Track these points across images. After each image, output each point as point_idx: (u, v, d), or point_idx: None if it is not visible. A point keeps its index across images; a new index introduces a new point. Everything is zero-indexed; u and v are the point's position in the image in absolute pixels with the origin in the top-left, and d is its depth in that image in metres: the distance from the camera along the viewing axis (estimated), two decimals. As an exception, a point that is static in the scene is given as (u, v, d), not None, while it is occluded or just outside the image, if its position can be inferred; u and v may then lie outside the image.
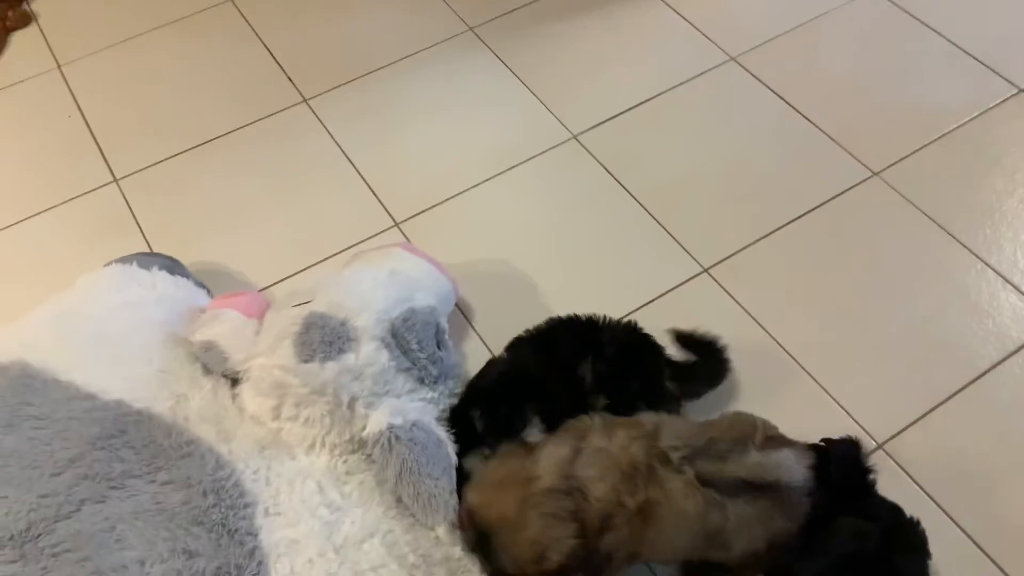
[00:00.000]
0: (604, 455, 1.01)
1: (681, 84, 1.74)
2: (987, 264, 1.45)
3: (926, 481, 1.23)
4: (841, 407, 1.31)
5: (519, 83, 1.76)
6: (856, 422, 1.29)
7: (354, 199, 1.60)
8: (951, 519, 1.20)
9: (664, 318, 1.32)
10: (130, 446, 1.11)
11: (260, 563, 1.03)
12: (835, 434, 1.21)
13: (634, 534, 1.01)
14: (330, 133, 1.70)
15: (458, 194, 1.60)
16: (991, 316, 1.39)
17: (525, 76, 1.77)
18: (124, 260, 1.36)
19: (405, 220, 1.57)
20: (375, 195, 1.60)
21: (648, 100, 1.72)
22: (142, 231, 1.56)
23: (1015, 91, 1.67)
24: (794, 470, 1.00)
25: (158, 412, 1.16)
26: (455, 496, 1.10)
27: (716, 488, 0.98)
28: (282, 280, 1.49)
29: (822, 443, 1.14)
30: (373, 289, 1.25)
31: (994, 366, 1.34)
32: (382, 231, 1.55)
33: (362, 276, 1.29)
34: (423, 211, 1.58)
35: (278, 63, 1.83)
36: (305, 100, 1.76)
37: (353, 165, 1.65)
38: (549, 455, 1.03)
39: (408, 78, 1.79)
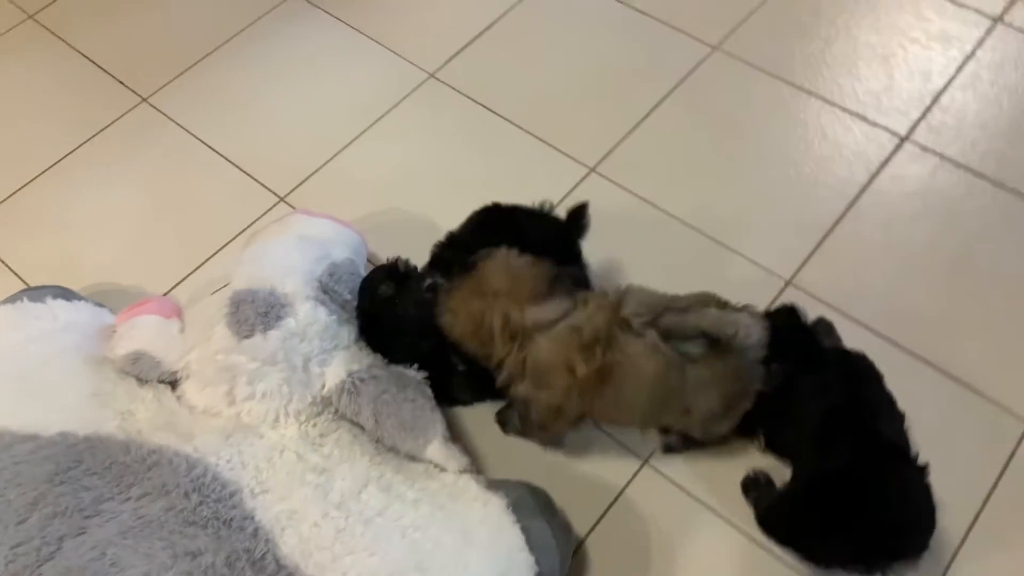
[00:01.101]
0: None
1: (519, 2, 1.78)
2: (832, 103, 1.59)
3: (836, 301, 1.35)
4: (746, 258, 1.41)
5: (361, 36, 1.75)
6: (762, 267, 1.40)
7: (229, 184, 1.55)
8: (868, 328, 1.32)
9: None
10: (91, 473, 1.05)
11: (267, 540, 1.01)
12: (748, 285, 1.31)
13: (584, 393, 1.06)
14: (181, 126, 1.63)
15: (334, 155, 1.58)
16: (849, 146, 1.53)
17: (365, 28, 1.76)
18: (10, 300, 1.27)
19: (289, 193, 1.53)
20: (250, 175, 1.56)
21: (491, 25, 1.75)
22: (12, 270, 1.45)
23: (814, -52, 1.82)
24: (751, 328, 1.07)
25: (107, 433, 1.10)
26: (438, 410, 1.12)
27: (677, 337, 1.04)
28: (181, 281, 1.43)
29: (766, 315, 1.23)
30: (288, 254, 1.23)
31: (864, 187, 1.48)
32: (269, 209, 1.52)
33: (273, 246, 1.26)
34: (305, 179, 1.55)
35: (103, 69, 1.72)
36: (144, 99, 1.67)
37: (217, 152, 1.59)
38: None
39: (247, 53, 1.74)
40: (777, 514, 1.13)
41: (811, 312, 1.30)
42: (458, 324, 1.09)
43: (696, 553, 1.15)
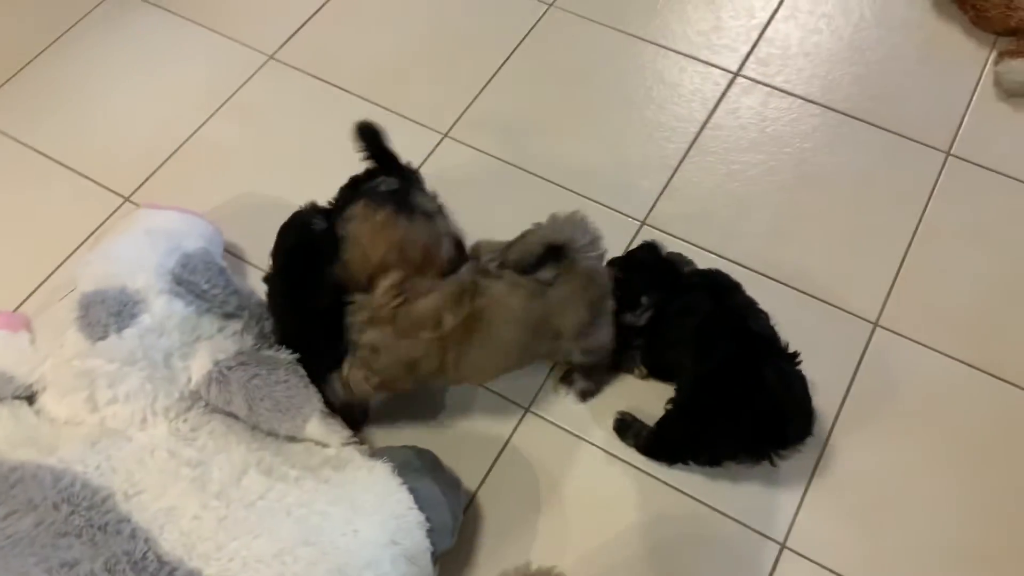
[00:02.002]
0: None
1: (352, -22, 1.76)
2: (667, 48, 1.65)
3: (688, 233, 1.41)
4: (601, 204, 1.45)
5: (194, 25, 1.70)
6: (616, 211, 1.44)
7: (69, 190, 1.48)
8: (718, 255, 1.39)
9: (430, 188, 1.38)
10: (-53, 499, 1.00)
11: (146, 539, 0.98)
12: (607, 228, 1.34)
13: (448, 347, 1.08)
14: (11, 136, 1.55)
15: (178, 148, 1.53)
16: (685, 86, 1.59)
17: (197, 17, 1.71)
18: None
19: (135, 191, 1.48)
20: (90, 179, 1.50)
21: (326, 2, 1.72)
22: None
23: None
24: (579, 226, 1.11)
25: (-40, 457, 1.05)
26: (312, 386, 1.11)
27: (526, 267, 1.08)
28: (30, 295, 1.36)
29: (628, 254, 1.29)
30: (136, 249, 1.20)
31: (704, 124, 1.54)
32: (114, 210, 1.46)
33: (119, 244, 1.22)
34: (149, 176, 1.50)
35: (-86, 85, 1.61)
36: (-34, 113, 1.58)
37: (52, 158, 1.52)
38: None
39: (74, 54, 1.66)
40: (662, 435, 1.19)
41: (668, 247, 1.36)
42: (357, 253, 1.11)
43: (584, 488, 1.19)
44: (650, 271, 1.24)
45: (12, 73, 1.63)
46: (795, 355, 1.14)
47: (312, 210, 1.20)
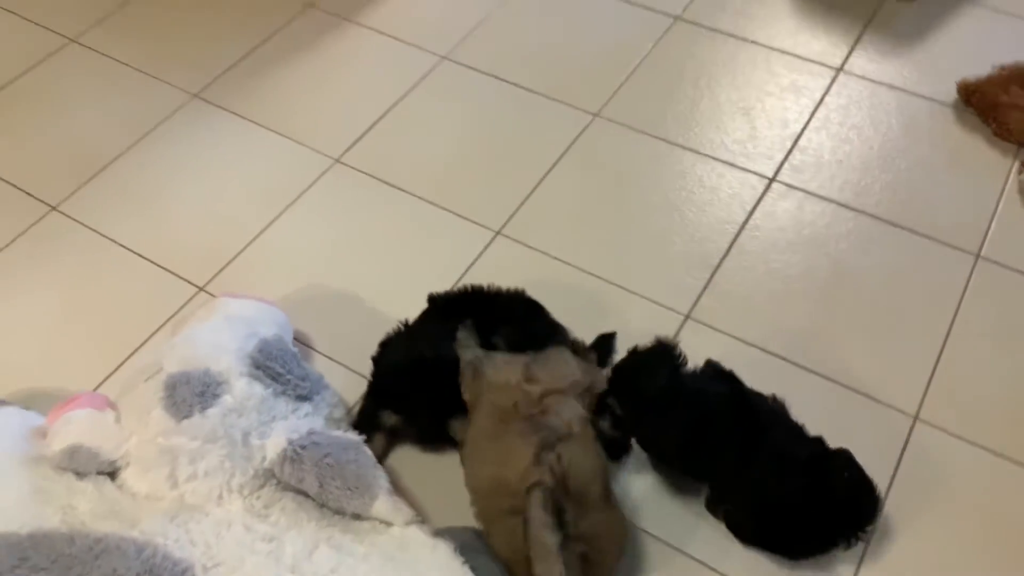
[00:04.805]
0: None
1: (412, 88, 1.90)
2: (705, 154, 1.76)
3: (731, 328, 1.48)
4: (646, 298, 1.53)
5: (265, 130, 1.83)
6: (661, 304, 1.52)
7: (147, 280, 1.59)
8: (762, 349, 1.45)
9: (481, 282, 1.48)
10: (38, 569, 1.05)
11: (224, 610, 1.03)
12: (652, 321, 1.44)
13: None
14: (94, 229, 1.66)
15: (249, 243, 1.64)
16: (724, 190, 1.69)
17: (268, 122, 1.84)
18: (-69, 412, 1.26)
19: (208, 282, 1.58)
20: (166, 269, 1.60)
21: (388, 111, 1.86)
22: (-72, 386, 1.44)
23: (672, 20, 2.02)
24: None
25: (50, 528, 1.10)
26: (380, 467, 1.17)
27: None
28: (107, 378, 1.45)
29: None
30: (217, 335, 1.28)
31: (742, 225, 1.63)
32: (189, 299, 1.56)
33: (201, 330, 1.31)
34: (222, 268, 1.60)
35: (9, 183, 1.74)
36: (53, 207, 1.70)
37: (131, 250, 1.63)
38: None
39: (154, 155, 1.79)
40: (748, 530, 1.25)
41: (713, 344, 1.44)
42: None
43: None
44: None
45: (97, 171, 1.76)
46: (843, 451, 1.21)
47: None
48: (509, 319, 1.38)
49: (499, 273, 1.56)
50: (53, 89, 1.93)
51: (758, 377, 1.30)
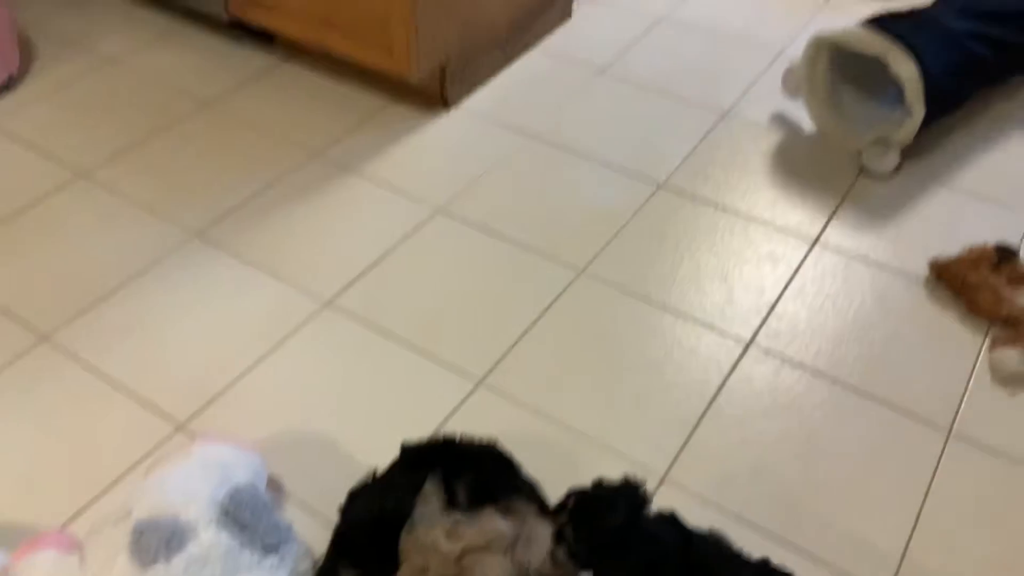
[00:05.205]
0: None
1: (405, 238, 1.97)
2: (684, 316, 1.81)
3: (705, 493, 1.49)
4: (625, 457, 1.54)
5: (260, 271, 1.89)
6: (636, 463, 1.53)
7: (127, 416, 1.60)
8: (737, 515, 1.46)
9: (459, 431, 1.49)
10: None
11: None
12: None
13: None
14: (84, 361, 1.69)
15: (232, 383, 1.66)
16: (702, 352, 1.73)
17: (263, 264, 1.90)
18: None
19: (188, 420, 1.59)
20: (147, 406, 1.61)
21: (381, 258, 1.93)
22: None
23: (656, 187, 2.12)
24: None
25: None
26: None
27: None
28: (78, 514, 1.43)
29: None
30: (189, 481, 1.28)
31: (719, 388, 1.66)
32: (167, 437, 1.56)
33: (174, 474, 1.31)
34: (204, 407, 1.62)
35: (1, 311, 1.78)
36: (43, 338, 1.73)
37: (113, 384, 1.65)
38: None
39: (149, 291, 1.84)
40: None
41: (684, 505, 1.44)
42: None
43: None
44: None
45: (90, 304, 1.81)
46: None
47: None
48: (477, 472, 1.39)
49: (477, 423, 1.59)
50: (58, 222, 2.00)
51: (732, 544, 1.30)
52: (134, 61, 2.53)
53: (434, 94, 2.36)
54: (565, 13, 2.71)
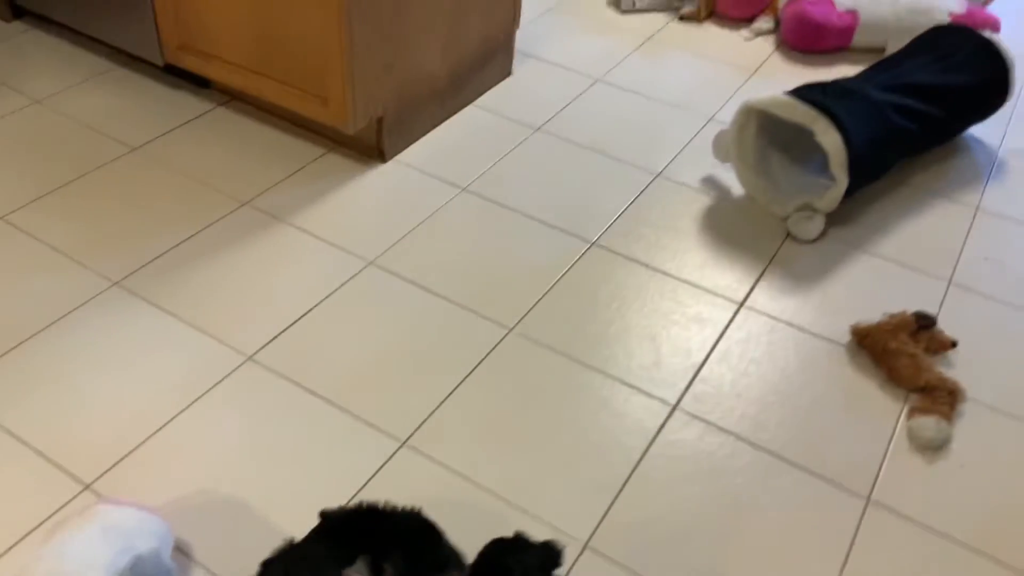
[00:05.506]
0: None
1: (335, 291, 1.95)
2: (612, 376, 1.81)
3: (628, 559, 1.48)
4: (546, 524, 1.52)
5: (181, 323, 1.84)
6: (560, 530, 1.51)
7: (31, 472, 1.53)
8: (656, 583, 1.45)
9: (381, 496, 1.46)
10: None
11: None
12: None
13: None
14: (-16, 415, 1.62)
15: (146, 440, 1.60)
16: (629, 414, 1.73)
17: (185, 315, 1.85)
18: None
19: (96, 479, 1.52)
20: (53, 463, 1.54)
21: (308, 312, 1.89)
22: None
23: (588, 245, 2.14)
24: None
25: None
26: None
27: None
28: (-33, 581, 1.36)
29: None
30: (89, 549, 1.22)
31: (644, 452, 1.66)
32: (74, 496, 1.49)
33: (73, 541, 1.24)
34: (113, 465, 1.55)
35: (-98, 359, 1.70)
36: (-55, 389, 1.66)
37: (18, 439, 1.58)
38: None
39: (64, 341, 1.77)
40: None
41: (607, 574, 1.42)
42: None
43: None
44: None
45: (2, 351, 1.73)
46: None
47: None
48: (401, 542, 1.35)
49: (400, 487, 1.56)
50: (-29, 266, 1.93)
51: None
52: (63, 103, 2.47)
53: (370, 145, 2.35)
54: (505, 70, 2.74)
